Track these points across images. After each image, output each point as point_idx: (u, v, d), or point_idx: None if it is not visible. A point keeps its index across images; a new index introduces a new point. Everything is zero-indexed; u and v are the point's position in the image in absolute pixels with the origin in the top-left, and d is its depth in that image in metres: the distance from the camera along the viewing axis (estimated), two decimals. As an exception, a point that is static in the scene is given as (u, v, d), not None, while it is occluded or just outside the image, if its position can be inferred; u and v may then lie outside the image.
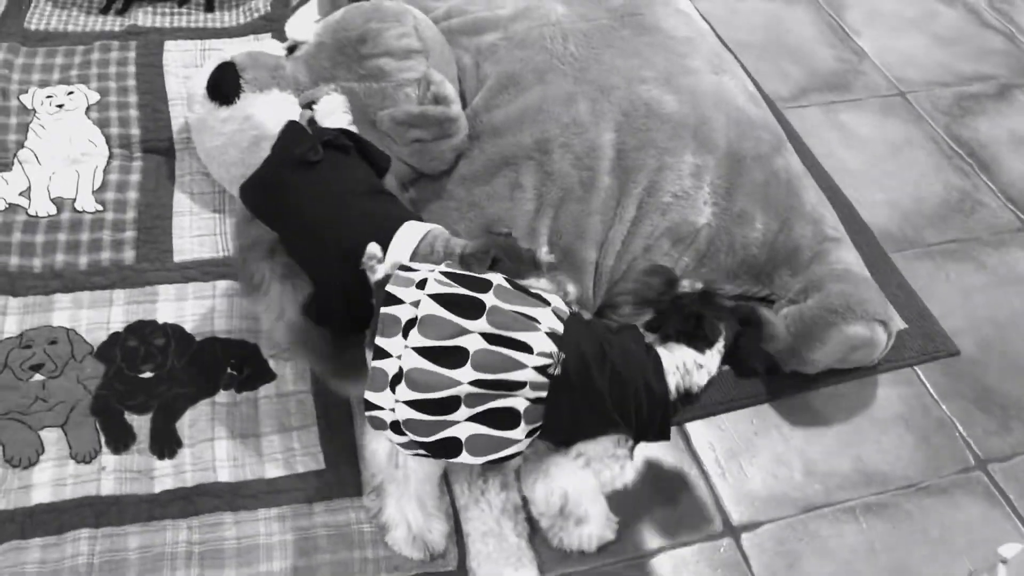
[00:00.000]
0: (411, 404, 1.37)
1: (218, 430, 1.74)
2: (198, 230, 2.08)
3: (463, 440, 1.39)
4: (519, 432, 1.40)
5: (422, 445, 1.41)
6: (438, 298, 1.39)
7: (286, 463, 1.71)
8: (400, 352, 1.37)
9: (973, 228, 2.37)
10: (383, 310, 1.40)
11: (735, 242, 2.02)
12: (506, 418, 1.39)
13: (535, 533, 1.65)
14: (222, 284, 1.97)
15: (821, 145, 2.55)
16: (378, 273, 1.47)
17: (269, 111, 2.02)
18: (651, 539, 1.69)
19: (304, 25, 2.16)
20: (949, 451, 1.88)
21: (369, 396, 1.39)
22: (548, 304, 1.44)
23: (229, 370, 1.83)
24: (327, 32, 2.10)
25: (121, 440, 1.71)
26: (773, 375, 1.83)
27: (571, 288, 1.56)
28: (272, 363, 1.86)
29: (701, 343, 1.49)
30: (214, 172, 2.15)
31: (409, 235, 1.62)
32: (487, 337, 1.37)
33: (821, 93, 2.74)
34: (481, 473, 1.70)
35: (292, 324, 1.66)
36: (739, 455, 1.84)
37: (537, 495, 1.53)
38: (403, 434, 1.40)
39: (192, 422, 1.75)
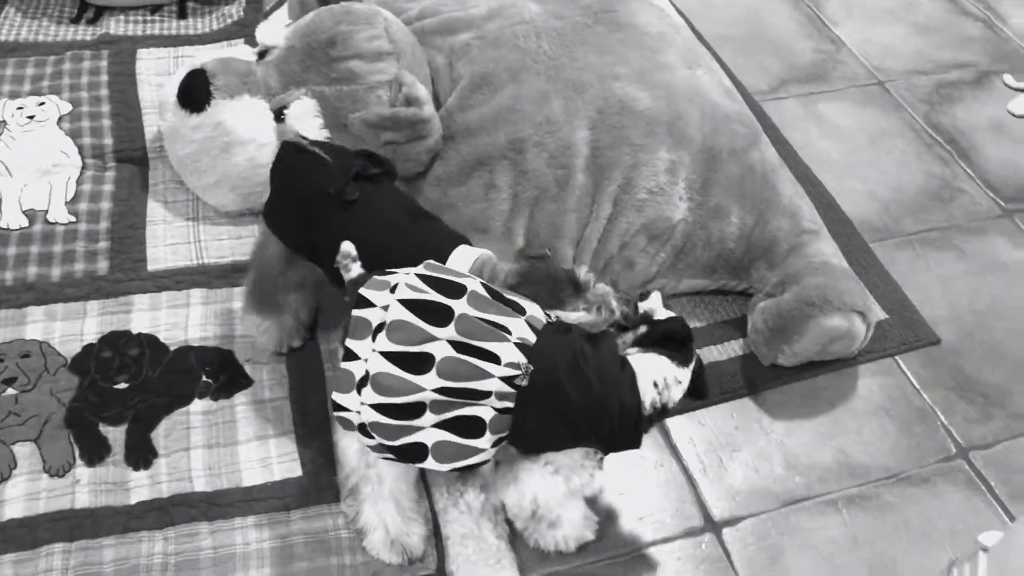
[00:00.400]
0: (376, 407, 1.36)
1: (194, 439, 1.73)
2: (172, 239, 2.07)
3: (429, 446, 1.38)
4: (484, 441, 1.39)
5: (389, 449, 1.40)
6: (408, 303, 1.38)
7: (263, 471, 1.70)
8: (368, 355, 1.36)
9: (953, 216, 2.36)
10: (355, 312, 1.40)
11: (711, 236, 2.01)
12: (472, 426, 1.38)
13: (515, 534, 1.64)
14: (196, 292, 1.96)
15: (800, 136, 2.54)
16: (352, 272, 1.46)
17: (240, 117, 2.01)
18: (632, 536, 1.68)
19: (274, 30, 2.14)
20: (930, 440, 1.87)
21: (336, 397, 1.39)
22: (522, 313, 1.43)
23: (204, 378, 1.82)
24: (297, 36, 2.09)
25: (96, 452, 1.69)
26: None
27: (616, 303, 1.49)
28: (248, 368, 1.85)
29: (681, 358, 1.47)
30: (187, 180, 2.14)
31: (462, 260, 1.61)
32: (455, 345, 1.36)
33: (800, 84, 2.73)
34: (459, 476, 1.69)
35: None
36: (719, 450, 1.83)
37: (509, 500, 1.53)
38: (371, 437, 1.39)
39: (168, 432, 1.74)
